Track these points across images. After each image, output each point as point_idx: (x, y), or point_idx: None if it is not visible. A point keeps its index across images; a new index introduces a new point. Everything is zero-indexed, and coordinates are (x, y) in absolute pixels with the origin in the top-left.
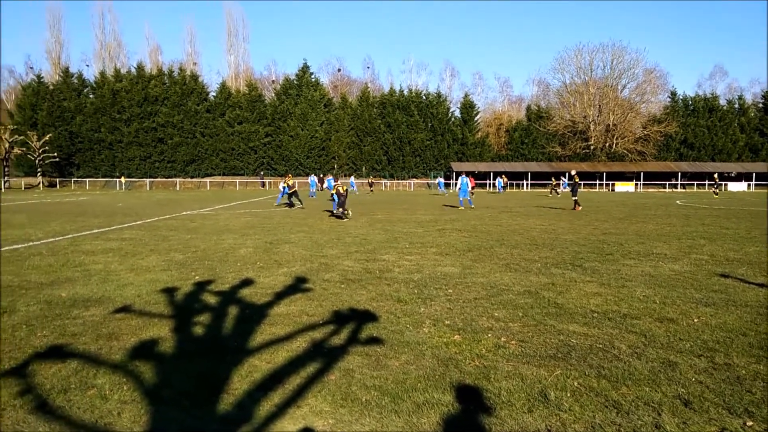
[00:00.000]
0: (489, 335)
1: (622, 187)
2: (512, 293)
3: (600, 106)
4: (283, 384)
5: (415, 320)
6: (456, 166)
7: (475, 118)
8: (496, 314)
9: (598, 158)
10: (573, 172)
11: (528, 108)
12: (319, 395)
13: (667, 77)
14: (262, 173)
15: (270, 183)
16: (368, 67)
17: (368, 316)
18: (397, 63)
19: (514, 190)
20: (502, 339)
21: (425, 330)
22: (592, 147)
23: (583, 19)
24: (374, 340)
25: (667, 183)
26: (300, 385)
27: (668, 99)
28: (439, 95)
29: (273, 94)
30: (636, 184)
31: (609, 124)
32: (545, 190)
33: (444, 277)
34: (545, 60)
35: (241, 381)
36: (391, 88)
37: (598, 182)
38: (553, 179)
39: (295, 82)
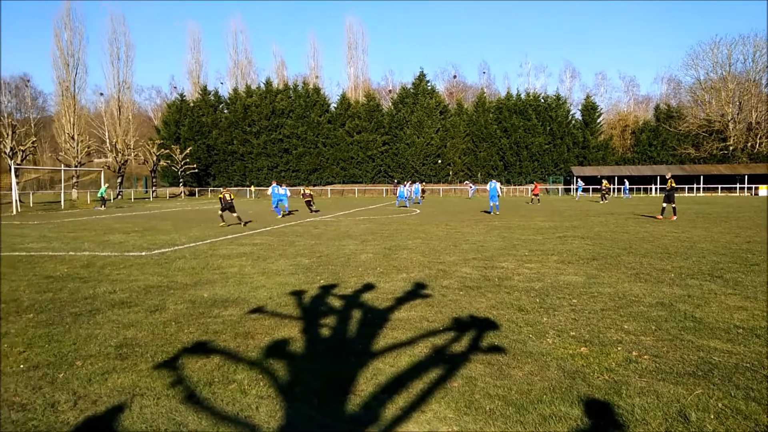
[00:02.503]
0: (619, 348)
1: (766, 191)
2: (643, 305)
3: (740, 103)
4: (406, 388)
5: (537, 330)
6: (577, 170)
7: (598, 120)
8: (626, 327)
9: (738, 160)
10: (668, 176)
11: (657, 107)
12: (442, 401)
13: None
14: (396, 181)
15: (387, 191)
16: (484, 72)
17: (489, 324)
18: (514, 67)
19: (641, 195)
20: (634, 353)
21: (549, 341)
22: (731, 148)
23: (717, 11)
24: (496, 349)
25: None
26: (423, 390)
27: None
28: (558, 97)
29: (390, 104)
30: None
31: (751, 123)
32: (676, 194)
33: (567, 287)
34: (676, 56)
35: (366, 383)
36: (507, 92)
37: (738, 186)
38: (604, 182)
39: (412, 90)
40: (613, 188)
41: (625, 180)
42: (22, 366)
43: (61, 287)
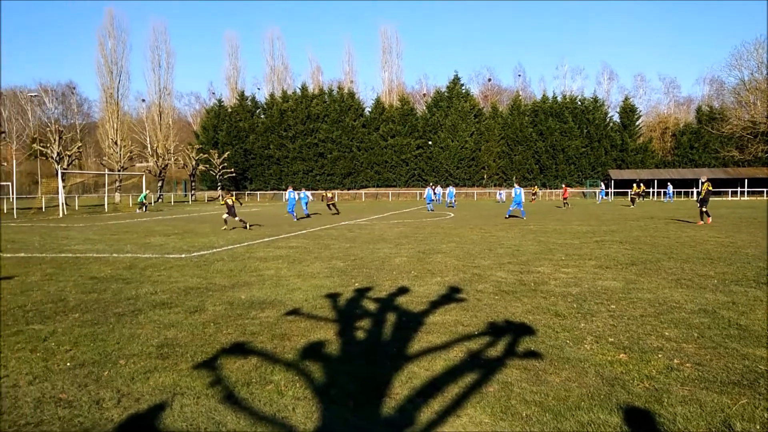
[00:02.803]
0: (659, 356)
1: None
2: (685, 311)
3: None
4: (442, 392)
5: (575, 336)
6: (615, 173)
7: (637, 123)
8: (667, 333)
9: None
10: (703, 179)
11: (698, 109)
12: (478, 406)
13: None
14: (432, 184)
15: (417, 195)
16: (519, 75)
17: (525, 329)
18: (550, 69)
19: (682, 198)
20: (675, 361)
21: (587, 347)
22: None
23: (762, 10)
24: (532, 354)
25: None
26: (459, 395)
27: None
28: (595, 100)
29: (424, 107)
30: None
31: None
32: (717, 198)
33: (605, 292)
34: (719, 56)
35: (401, 386)
36: (543, 95)
37: None
38: (634, 186)
39: (446, 94)
40: (654, 192)
41: (669, 183)
42: (68, 364)
43: (105, 288)
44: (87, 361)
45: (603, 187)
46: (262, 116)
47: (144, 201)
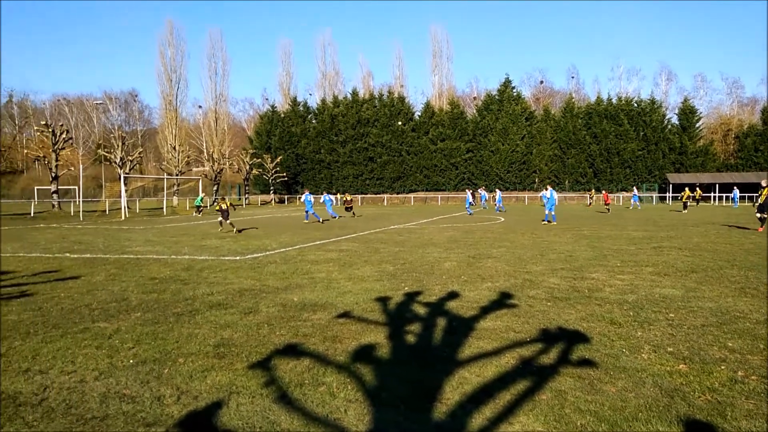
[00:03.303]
0: (722, 367)
1: None
2: (750, 321)
3: None
4: (493, 398)
5: (631, 345)
6: (673, 177)
7: (696, 125)
8: (730, 344)
9: None
10: (764, 183)
11: (764, 110)
12: (530, 414)
13: None
14: (470, 189)
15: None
16: (572, 77)
17: (579, 337)
18: (605, 70)
19: (746, 203)
20: (739, 373)
21: (644, 356)
22: None
23: None
24: (587, 363)
25: None
26: (511, 402)
27: None
28: (652, 101)
29: (474, 111)
30: None
31: None
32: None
33: (663, 300)
34: None
35: (452, 391)
36: (597, 97)
37: None
38: (686, 190)
39: (497, 97)
40: (716, 196)
41: (735, 188)
42: (131, 361)
43: (165, 288)
44: (148, 358)
45: (636, 191)
46: (314, 121)
47: (200, 204)
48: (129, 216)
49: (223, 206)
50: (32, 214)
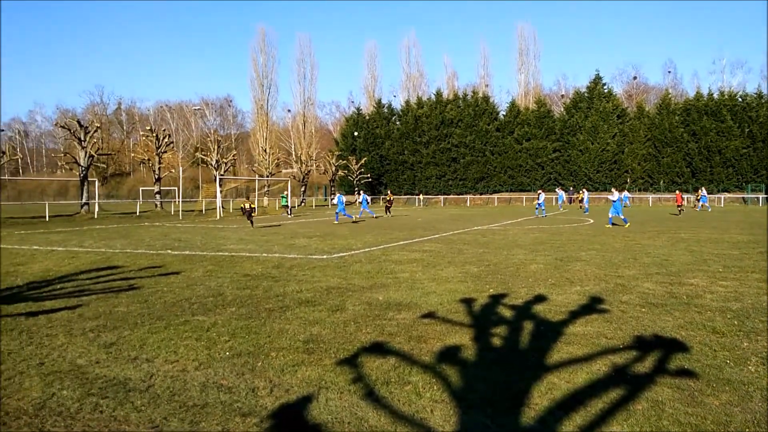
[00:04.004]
0: None
1: None
2: None
3: None
4: (584, 406)
5: (736, 356)
6: None
7: None
8: None
9: None
10: None
11: None
12: (625, 423)
13: None
14: (570, 189)
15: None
16: (669, 72)
17: (677, 346)
18: (705, 64)
19: None
20: None
21: (751, 368)
22: None
23: None
24: (686, 373)
25: None
26: (603, 410)
27: None
28: (760, 96)
29: (562, 109)
30: None
31: None
32: None
33: None
34: None
35: (540, 396)
36: (697, 92)
37: None
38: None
39: (586, 94)
40: None
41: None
42: (227, 353)
43: (257, 285)
44: (243, 351)
45: (704, 192)
46: (398, 123)
47: (287, 203)
48: (223, 215)
49: (246, 206)
50: (138, 213)
